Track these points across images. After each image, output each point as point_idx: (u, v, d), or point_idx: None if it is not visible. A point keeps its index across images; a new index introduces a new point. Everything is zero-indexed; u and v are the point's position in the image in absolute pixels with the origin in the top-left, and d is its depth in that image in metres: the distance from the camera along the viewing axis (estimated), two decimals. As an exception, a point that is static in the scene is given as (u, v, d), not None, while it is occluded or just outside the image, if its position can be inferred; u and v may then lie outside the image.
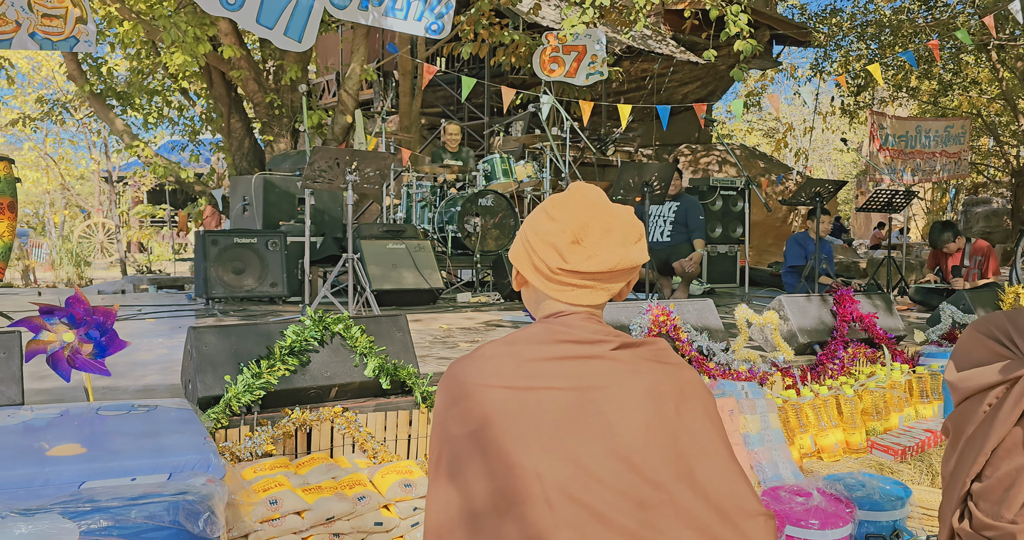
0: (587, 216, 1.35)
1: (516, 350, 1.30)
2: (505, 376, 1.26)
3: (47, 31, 7.34)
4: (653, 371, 1.31)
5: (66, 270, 15.05)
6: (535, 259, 1.37)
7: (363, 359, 3.10)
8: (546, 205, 1.39)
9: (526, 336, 1.33)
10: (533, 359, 1.28)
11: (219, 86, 8.80)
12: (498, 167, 7.97)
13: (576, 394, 1.25)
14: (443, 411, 1.31)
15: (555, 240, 1.34)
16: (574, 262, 1.34)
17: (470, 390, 1.27)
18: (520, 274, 1.43)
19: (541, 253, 1.36)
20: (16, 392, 2.70)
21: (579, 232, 1.34)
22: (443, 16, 7.88)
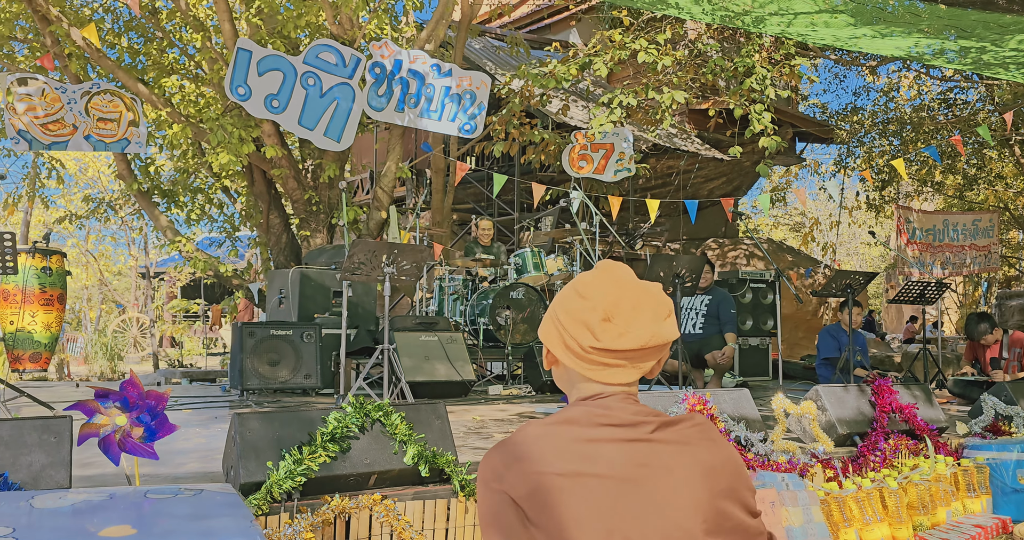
0: (617, 293, 1.35)
1: (558, 432, 1.30)
2: (548, 461, 1.25)
3: (101, 133, 7.75)
4: (697, 449, 1.31)
5: (100, 364, 15.23)
6: (566, 338, 1.36)
7: (402, 446, 3.12)
8: (575, 283, 1.40)
9: (567, 418, 1.33)
10: (577, 441, 1.28)
11: (260, 184, 9.14)
12: (529, 261, 8.09)
13: (621, 480, 1.25)
14: (488, 493, 1.30)
15: (586, 318, 1.34)
16: (606, 340, 1.33)
17: (523, 456, 1.27)
18: (551, 353, 1.42)
19: (572, 331, 1.35)
20: (64, 477, 2.75)
21: (610, 309, 1.34)
22: (476, 117, 8.21)
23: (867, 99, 15.95)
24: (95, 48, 8.05)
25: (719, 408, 3.76)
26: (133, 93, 7.78)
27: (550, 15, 15.02)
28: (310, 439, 2.97)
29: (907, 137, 14.77)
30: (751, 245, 13.23)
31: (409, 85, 7.92)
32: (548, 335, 1.40)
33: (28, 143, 7.59)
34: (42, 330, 5.37)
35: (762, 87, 8.21)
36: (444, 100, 8.13)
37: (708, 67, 8.60)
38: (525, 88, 9.38)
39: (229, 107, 8.10)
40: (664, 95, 8.27)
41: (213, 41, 8.53)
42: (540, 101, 9.84)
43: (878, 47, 8.39)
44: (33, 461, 2.72)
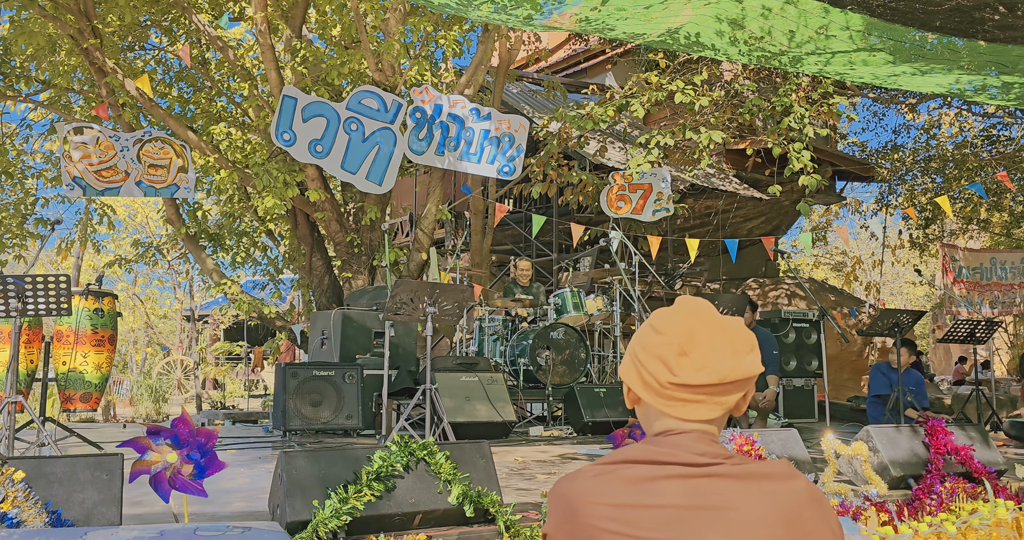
0: (694, 327, 1.33)
1: (618, 469, 1.28)
2: (611, 494, 1.25)
3: (152, 179, 7.98)
4: (778, 488, 1.25)
5: (145, 406, 15.44)
6: (644, 374, 1.34)
7: (447, 486, 3.11)
8: (652, 319, 1.38)
9: (626, 455, 1.31)
10: (632, 481, 1.26)
11: (303, 227, 9.30)
12: (569, 301, 8.09)
13: (686, 510, 1.22)
14: (553, 530, 1.31)
15: (662, 352, 1.32)
16: (683, 375, 1.30)
17: (578, 507, 1.26)
18: (632, 391, 1.39)
19: (650, 367, 1.33)
20: (115, 514, 2.79)
21: (686, 343, 1.31)
22: (514, 159, 8.30)
23: (907, 137, 15.82)
24: (147, 98, 8.33)
25: (767, 448, 3.69)
26: (183, 140, 8.02)
27: (586, 59, 15.22)
28: (355, 478, 2.98)
29: (950, 174, 14.59)
30: (792, 285, 13.08)
31: (449, 129, 8.06)
32: (627, 372, 1.39)
33: (83, 189, 7.84)
34: (93, 371, 5.48)
35: (800, 126, 8.19)
36: (483, 143, 8.25)
37: (745, 107, 8.62)
38: (563, 130, 9.48)
39: (274, 152, 8.30)
40: (702, 135, 8.30)
41: (259, 89, 8.78)
42: (578, 143, 9.93)
43: (918, 84, 8.35)
44: (86, 498, 2.77)
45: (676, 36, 7.47)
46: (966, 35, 7.13)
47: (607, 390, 7.33)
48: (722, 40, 7.37)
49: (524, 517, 3.23)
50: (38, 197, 9.69)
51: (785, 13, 6.92)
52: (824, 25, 6.87)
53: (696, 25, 7.15)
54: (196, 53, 9.60)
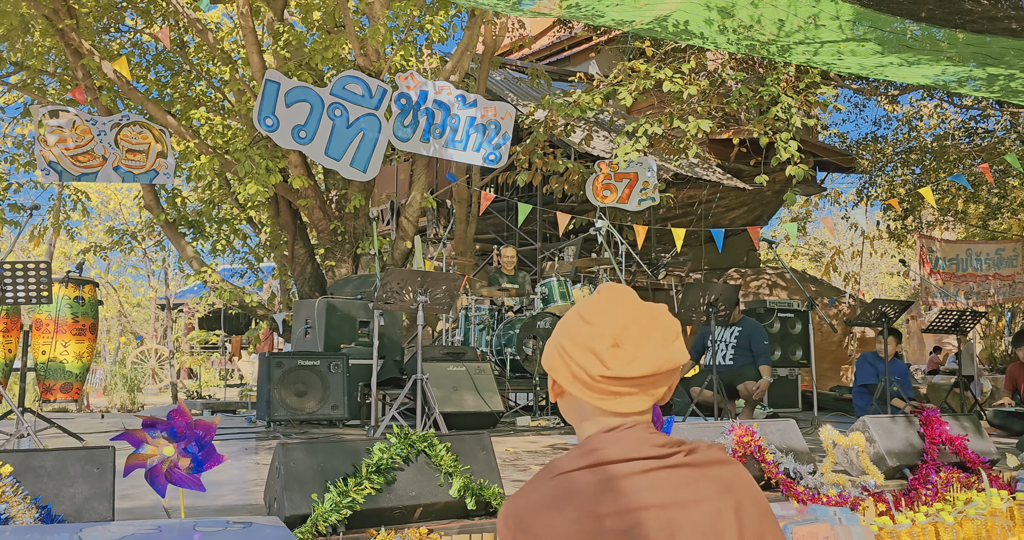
0: (625, 317, 1.27)
1: (599, 471, 1.22)
2: (598, 503, 1.18)
3: (130, 165, 7.79)
4: (726, 474, 1.26)
5: (119, 395, 15.21)
6: (573, 367, 1.27)
7: (448, 478, 3.05)
8: (579, 308, 1.32)
9: (600, 458, 1.23)
10: (619, 477, 1.21)
11: (285, 214, 9.16)
12: (555, 290, 8.04)
13: (666, 509, 1.19)
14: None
15: (594, 345, 1.25)
16: (616, 367, 1.24)
17: (565, 521, 1.18)
18: (557, 384, 1.32)
19: (579, 360, 1.26)
20: (107, 509, 2.70)
21: (619, 334, 1.26)
22: (500, 147, 8.21)
23: (887, 128, 15.93)
24: (125, 81, 8.14)
25: (767, 439, 3.67)
26: (162, 125, 7.84)
27: (570, 47, 15.13)
28: (355, 471, 2.90)
29: (929, 166, 14.70)
30: (774, 275, 13.13)
31: (434, 116, 7.95)
32: (553, 364, 1.31)
33: (58, 174, 7.64)
34: (74, 360, 5.35)
35: (788, 116, 8.18)
36: (469, 130, 8.15)
37: (733, 96, 8.59)
38: (549, 118, 9.41)
39: (256, 138, 8.15)
40: (690, 124, 8.26)
41: (240, 74, 8.61)
42: (564, 131, 9.86)
43: (904, 75, 8.37)
44: (76, 493, 2.67)
45: (664, 24, 7.41)
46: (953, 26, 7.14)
47: (594, 380, 7.31)
48: (711, 28, 7.32)
49: (525, 509, 3.17)
50: (10, 182, 9.44)
51: (775, 2, 6.89)
52: (814, 14, 6.84)
53: (685, 13, 7.09)
54: (174, 36, 9.39)
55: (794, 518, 3.40)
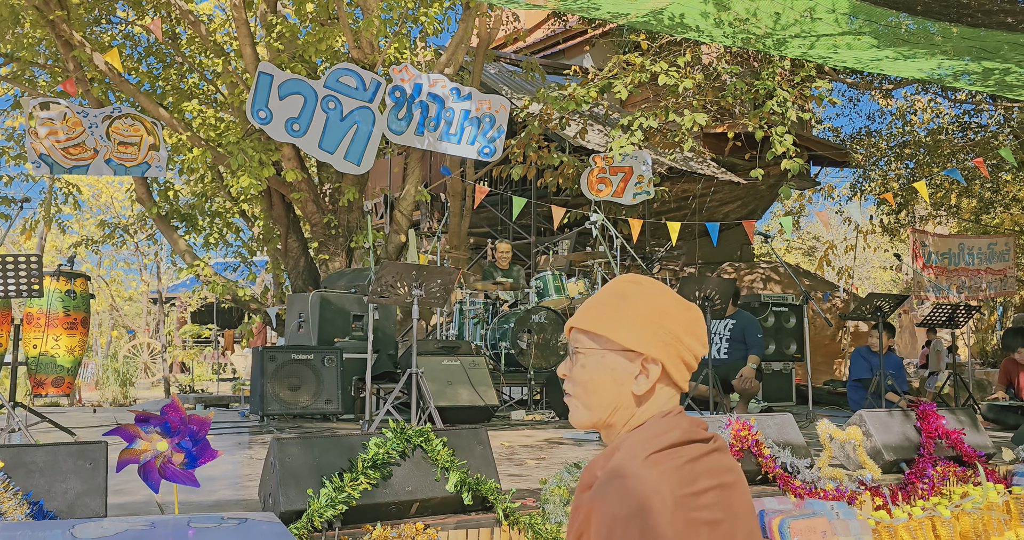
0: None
1: (678, 453, 1.24)
2: (691, 482, 1.21)
3: (122, 157, 7.73)
4: (734, 458, 1.34)
5: (112, 390, 15.14)
6: (683, 351, 1.32)
7: (444, 473, 3.02)
8: (673, 297, 1.35)
9: (674, 438, 1.26)
10: (697, 461, 1.25)
11: (279, 207, 9.11)
12: (550, 284, 8.02)
13: (729, 488, 1.26)
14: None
15: (696, 329, 1.34)
16: (704, 349, 1.36)
17: (668, 503, 1.18)
18: (664, 371, 1.32)
19: (689, 343, 1.33)
20: (100, 505, 2.66)
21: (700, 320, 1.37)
22: (495, 140, 8.18)
23: (881, 122, 15.89)
24: (116, 73, 8.06)
25: (764, 433, 3.66)
26: (154, 117, 7.78)
27: (564, 40, 15.07)
28: (350, 466, 2.88)
29: (922, 160, 14.71)
30: (768, 269, 13.13)
31: (429, 109, 7.91)
32: (664, 353, 1.31)
33: (49, 167, 7.57)
34: (65, 354, 5.30)
35: (783, 109, 8.17)
36: (464, 123, 8.11)
37: (728, 90, 8.57)
38: (544, 111, 9.37)
39: (249, 131, 8.09)
40: (685, 118, 8.24)
41: (233, 66, 8.54)
42: (558, 125, 9.83)
43: (900, 69, 8.36)
44: (68, 488, 2.64)
45: (660, 17, 7.38)
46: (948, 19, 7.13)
47: (589, 374, 7.30)
48: (707, 21, 7.29)
49: (523, 504, 3.16)
50: (0, 175, 9.36)
51: (771, -5, 6.87)
52: (810, 7, 6.81)
53: (681, 6, 7.06)
54: (166, 27, 9.32)
55: (791, 512, 3.39)
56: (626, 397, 1.32)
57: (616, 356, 1.31)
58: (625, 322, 1.31)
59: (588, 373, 1.33)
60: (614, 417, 1.32)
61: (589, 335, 1.34)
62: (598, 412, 1.33)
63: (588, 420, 1.35)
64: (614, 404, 1.32)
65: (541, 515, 3.09)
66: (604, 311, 1.34)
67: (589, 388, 1.33)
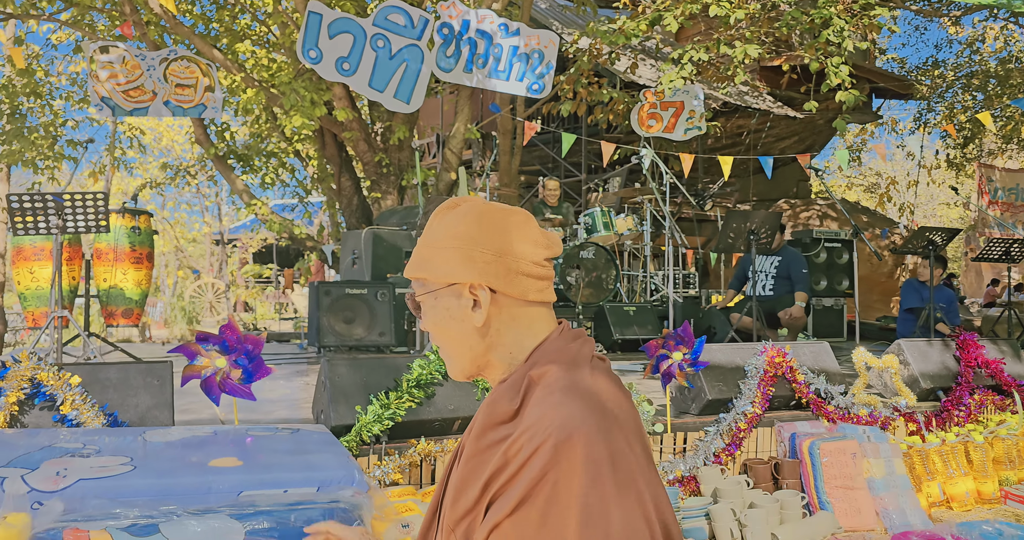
0: (520, 212, 1.26)
1: (590, 383, 1.14)
2: (613, 418, 1.10)
3: (179, 99, 7.93)
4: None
5: (179, 327, 15.79)
6: (511, 262, 1.18)
7: (484, 393, 3.18)
8: (486, 210, 1.22)
9: (581, 374, 1.14)
10: (609, 387, 1.15)
11: (331, 147, 9.28)
12: (599, 220, 8.06)
13: (629, 409, 1.15)
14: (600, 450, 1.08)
15: (528, 233, 1.21)
16: (550, 249, 1.21)
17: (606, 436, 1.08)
18: (477, 297, 1.18)
19: (519, 251, 1.18)
20: (168, 417, 2.90)
21: (532, 222, 1.24)
22: (544, 76, 8.14)
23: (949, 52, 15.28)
24: (171, 15, 8.22)
25: (798, 360, 3.73)
26: (208, 59, 7.94)
27: (616, -28, 14.72)
28: (396, 385, 3.06)
29: (992, 91, 14.13)
30: (824, 206, 12.91)
31: (477, 45, 7.90)
32: (484, 273, 1.18)
33: (111, 110, 7.82)
34: (133, 287, 5.61)
35: (839, 39, 7.93)
36: (512, 60, 8.09)
37: (783, 20, 8.34)
38: (593, 46, 9.27)
39: (301, 71, 8.21)
40: (737, 49, 8.07)
41: (283, 6, 8.63)
42: (608, 60, 9.71)
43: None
44: (139, 403, 2.88)
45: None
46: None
47: (637, 309, 7.39)
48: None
49: (559, 424, 3.31)
50: (67, 119, 9.69)
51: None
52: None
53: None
54: (218, -31, 9.42)
55: (822, 435, 3.48)
56: (475, 333, 1.19)
57: (444, 294, 1.20)
58: (440, 255, 1.20)
59: (431, 320, 1.22)
60: (485, 359, 1.21)
61: (417, 282, 1.24)
62: (461, 359, 1.22)
63: (458, 368, 1.24)
64: (471, 344, 1.20)
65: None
66: (421, 252, 1.23)
67: (439, 335, 1.22)
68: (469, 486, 1.12)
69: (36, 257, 5.39)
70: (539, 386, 1.12)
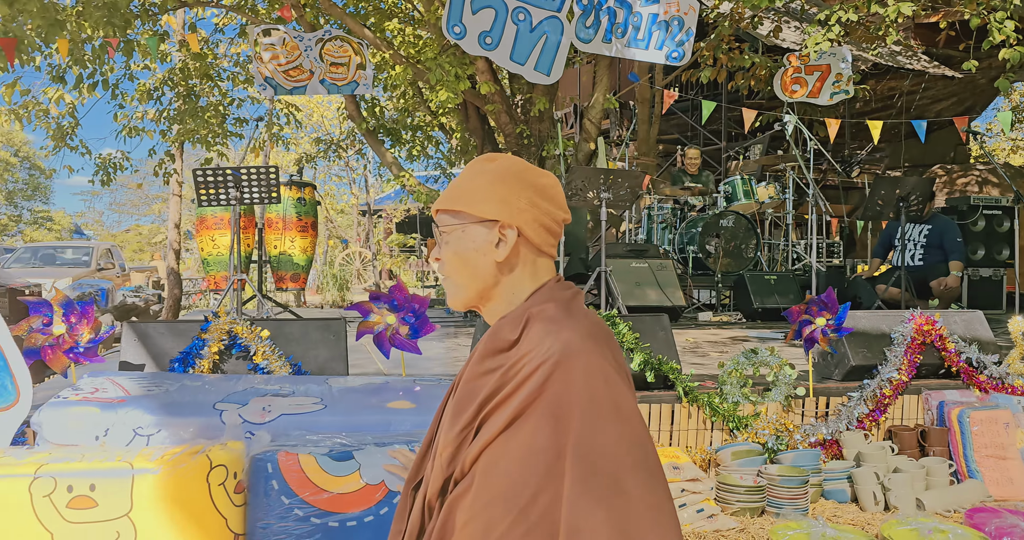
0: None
1: (589, 322, 1.26)
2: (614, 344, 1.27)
3: (333, 77, 8.43)
4: None
5: (331, 293, 16.74)
6: (540, 215, 1.32)
7: (629, 354, 3.35)
8: (519, 164, 1.36)
9: (586, 314, 1.28)
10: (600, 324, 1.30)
11: (474, 120, 9.58)
12: (739, 188, 7.99)
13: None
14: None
15: (555, 194, 1.34)
16: (567, 214, 1.36)
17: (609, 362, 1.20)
18: (507, 235, 1.31)
19: (547, 207, 1.33)
20: (343, 368, 3.23)
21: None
22: (684, 44, 8.08)
23: None
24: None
25: (948, 329, 3.67)
26: (359, 38, 8.37)
27: (760, -69, 14.20)
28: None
29: None
30: (985, 171, 12.14)
31: (616, 14, 7.94)
32: (517, 217, 1.31)
33: (273, 89, 8.41)
34: (300, 254, 6.11)
35: (1006, -9, 7.44)
36: (651, 28, 8.07)
37: (941, -26, 7.89)
38: (735, 10, 9.08)
39: (445, 46, 8.51)
40: (889, 8, 7.71)
41: (428, -17, 8.92)
42: (750, 24, 9.49)
43: None
44: (318, 355, 3.22)
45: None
46: None
47: (778, 277, 7.31)
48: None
49: (701, 385, 3.44)
50: (234, 98, 10.46)
51: None
52: None
53: None
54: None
55: (973, 404, 3.44)
56: (492, 267, 1.31)
57: (475, 228, 1.32)
58: (478, 194, 1.32)
59: (453, 249, 1.33)
60: (490, 293, 1.33)
61: (449, 213, 1.35)
62: (470, 287, 1.33)
63: (463, 297, 1.35)
64: (483, 277, 1.32)
65: (719, 394, 3.36)
66: (459, 188, 1.35)
67: (456, 264, 1.33)
68: (464, 408, 1.20)
69: (216, 226, 5.96)
70: (537, 320, 1.22)
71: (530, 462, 1.09)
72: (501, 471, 1.11)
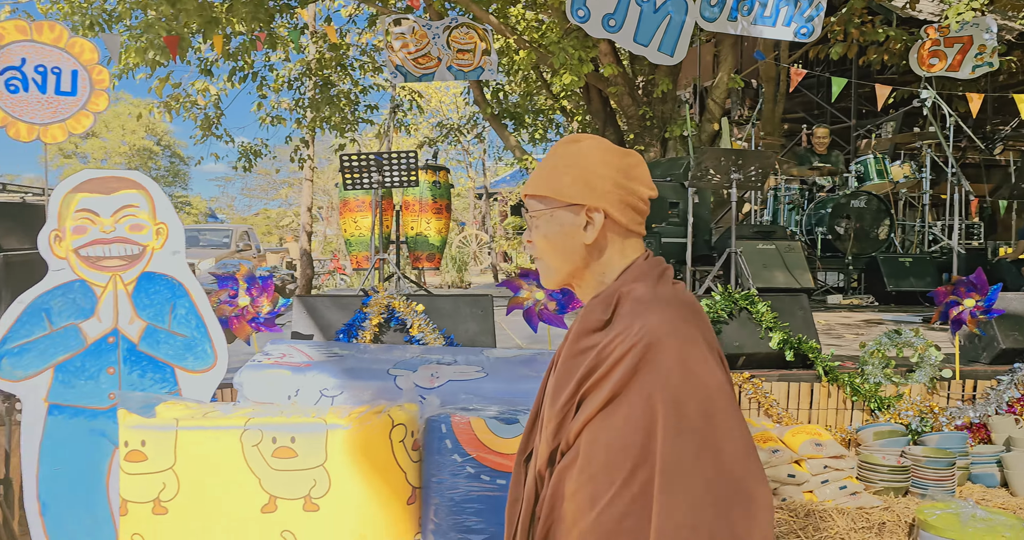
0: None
1: (684, 297, 1.30)
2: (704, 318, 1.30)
3: (460, 64, 8.66)
4: None
5: (451, 274, 17.19)
6: (626, 196, 1.34)
7: (768, 333, 3.39)
8: (602, 145, 1.38)
9: (678, 289, 1.32)
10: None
11: (596, 102, 9.64)
12: (872, 168, 7.76)
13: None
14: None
15: (639, 173, 1.36)
16: (652, 191, 1.37)
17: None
18: (593, 218, 1.33)
19: (632, 187, 1.35)
20: (491, 341, 3.42)
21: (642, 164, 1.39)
22: (813, 19, 7.87)
23: None
24: (451, -16, 8.92)
25: None
26: (484, 24, 8.56)
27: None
28: (685, 321, 3.35)
29: None
30: None
31: (742, -8, 7.81)
32: (602, 200, 1.34)
33: (403, 76, 8.72)
34: (435, 235, 6.38)
35: None
36: (779, 4, 7.90)
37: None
38: (869, -17, 8.76)
39: (568, 30, 8.60)
40: (1041, -25, 7.28)
41: (551, -32, 9.01)
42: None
43: None
44: (468, 328, 3.42)
45: None
46: None
47: (914, 260, 7.09)
48: None
49: (840, 365, 3.45)
50: (365, 86, 10.88)
51: None
52: None
53: None
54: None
55: None
56: (582, 249, 1.34)
57: (562, 212, 1.34)
58: (564, 178, 1.35)
59: (542, 233, 1.36)
60: (581, 273, 1.36)
61: (537, 198, 1.37)
62: (561, 269, 1.37)
63: (555, 278, 1.39)
64: (573, 259, 1.35)
65: (860, 375, 3.36)
66: (545, 173, 1.37)
67: (547, 248, 1.36)
68: (564, 386, 1.27)
69: (358, 209, 6.30)
70: (628, 299, 1.26)
71: (627, 441, 1.17)
72: (602, 446, 1.20)
